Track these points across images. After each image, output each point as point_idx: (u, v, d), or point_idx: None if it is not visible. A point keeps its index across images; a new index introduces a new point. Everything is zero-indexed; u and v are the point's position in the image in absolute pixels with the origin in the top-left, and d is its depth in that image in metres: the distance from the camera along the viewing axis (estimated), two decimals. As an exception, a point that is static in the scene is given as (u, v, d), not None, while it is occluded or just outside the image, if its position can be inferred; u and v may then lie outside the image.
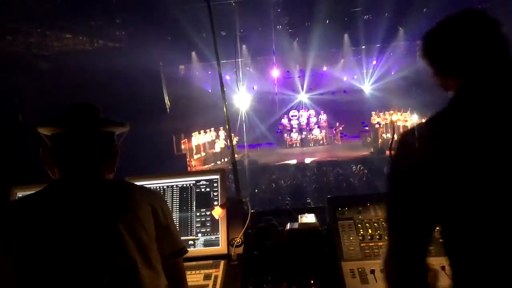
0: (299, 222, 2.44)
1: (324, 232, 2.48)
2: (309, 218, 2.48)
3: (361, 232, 2.34)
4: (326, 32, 15.76)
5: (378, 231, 2.33)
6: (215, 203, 2.46)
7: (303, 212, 2.64)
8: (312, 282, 2.30)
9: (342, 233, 2.35)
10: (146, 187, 1.82)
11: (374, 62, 20.30)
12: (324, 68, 21.59)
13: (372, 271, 2.04)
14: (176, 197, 2.49)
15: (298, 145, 20.86)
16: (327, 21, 15.25)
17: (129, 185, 1.66)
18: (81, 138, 1.57)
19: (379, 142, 17.40)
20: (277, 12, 14.99)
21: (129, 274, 1.43)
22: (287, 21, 15.97)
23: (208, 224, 2.43)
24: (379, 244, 2.25)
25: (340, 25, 15.93)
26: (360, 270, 2.07)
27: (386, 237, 1.47)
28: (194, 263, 2.31)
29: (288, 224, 2.46)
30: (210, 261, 2.32)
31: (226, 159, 17.99)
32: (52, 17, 12.13)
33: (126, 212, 1.51)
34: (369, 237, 2.30)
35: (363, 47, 18.77)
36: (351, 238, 2.31)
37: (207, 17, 2.77)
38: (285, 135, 21.20)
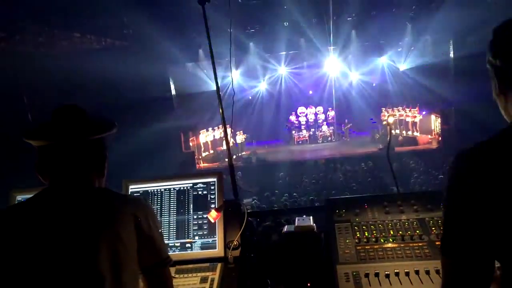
0: (296, 224, 2.44)
1: (321, 234, 2.47)
2: (306, 221, 2.48)
3: (358, 235, 2.33)
4: (333, 29, 15.70)
5: (375, 234, 2.32)
6: (212, 206, 2.47)
7: (301, 213, 2.64)
8: (309, 285, 2.30)
9: (338, 235, 2.35)
10: (131, 196, 1.81)
11: (382, 58, 20.13)
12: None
13: (366, 275, 2.03)
14: (173, 200, 2.50)
15: (306, 142, 20.80)
16: (334, 18, 15.19)
17: (114, 196, 1.65)
18: (68, 151, 1.58)
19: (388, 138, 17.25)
20: (284, 9, 14.95)
21: None
22: (294, 18, 15.91)
23: (205, 227, 2.44)
24: (375, 247, 2.24)
25: (347, 22, 15.85)
26: (354, 273, 2.06)
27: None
28: (190, 266, 2.33)
29: (285, 227, 2.46)
30: (207, 264, 2.33)
31: (234, 156, 18.00)
32: (60, 16, 12.24)
33: (106, 228, 1.52)
34: (365, 240, 2.29)
35: (371, 43, 18.65)
36: (347, 240, 2.30)
37: (213, 15, 2.80)
38: (293, 132, 21.14)
